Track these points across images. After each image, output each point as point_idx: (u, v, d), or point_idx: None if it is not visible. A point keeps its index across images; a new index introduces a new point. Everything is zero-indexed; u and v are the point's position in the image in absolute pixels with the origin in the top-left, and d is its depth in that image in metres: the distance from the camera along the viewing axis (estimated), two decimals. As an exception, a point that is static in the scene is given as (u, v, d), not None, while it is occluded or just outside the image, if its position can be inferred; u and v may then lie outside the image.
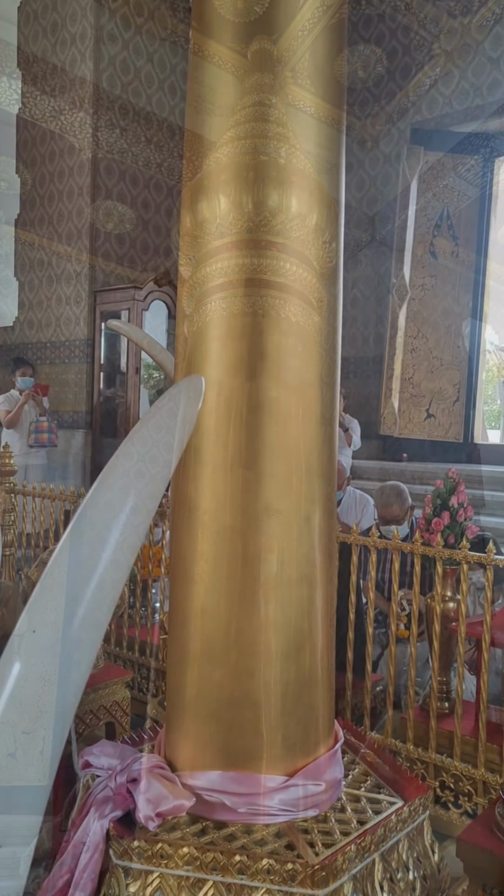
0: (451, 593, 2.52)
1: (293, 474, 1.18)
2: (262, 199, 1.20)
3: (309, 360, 1.21)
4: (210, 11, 1.27)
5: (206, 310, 1.22)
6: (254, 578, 1.14)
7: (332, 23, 1.26)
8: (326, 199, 1.27)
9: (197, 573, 1.18)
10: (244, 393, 1.17)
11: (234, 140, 1.23)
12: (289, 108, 1.20)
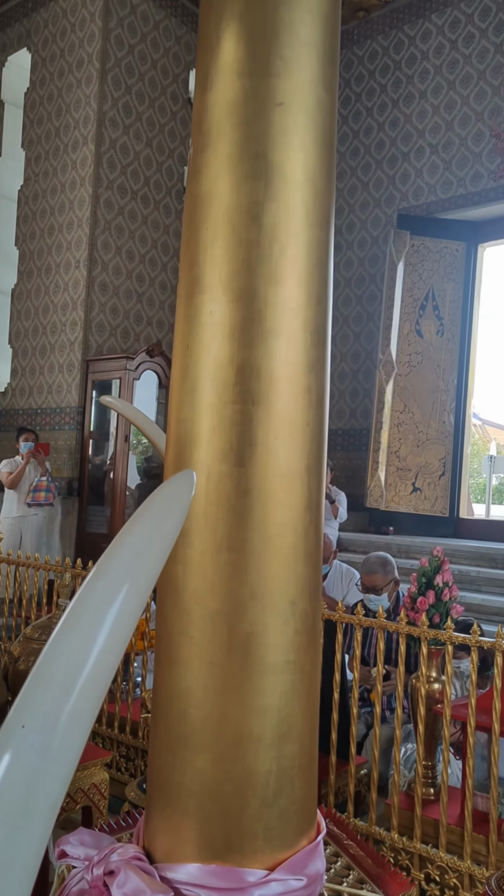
0: (436, 674, 2.51)
1: (279, 559, 1.21)
2: (254, 294, 1.26)
3: (297, 448, 1.25)
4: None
5: (197, 397, 1.26)
6: (238, 664, 1.15)
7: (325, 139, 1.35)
8: (316, 291, 1.34)
9: (182, 656, 1.18)
10: (233, 479, 1.20)
11: (229, 236, 1.30)
12: (282, 211, 1.28)
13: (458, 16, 6.49)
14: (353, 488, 6.92)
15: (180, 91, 7.02)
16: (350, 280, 7.29)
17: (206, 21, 1.34)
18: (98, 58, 6.32)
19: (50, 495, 5.88)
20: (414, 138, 6.82)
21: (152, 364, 6.55)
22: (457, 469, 6.82)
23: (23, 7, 7.02)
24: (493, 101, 6.29)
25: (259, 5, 1.28)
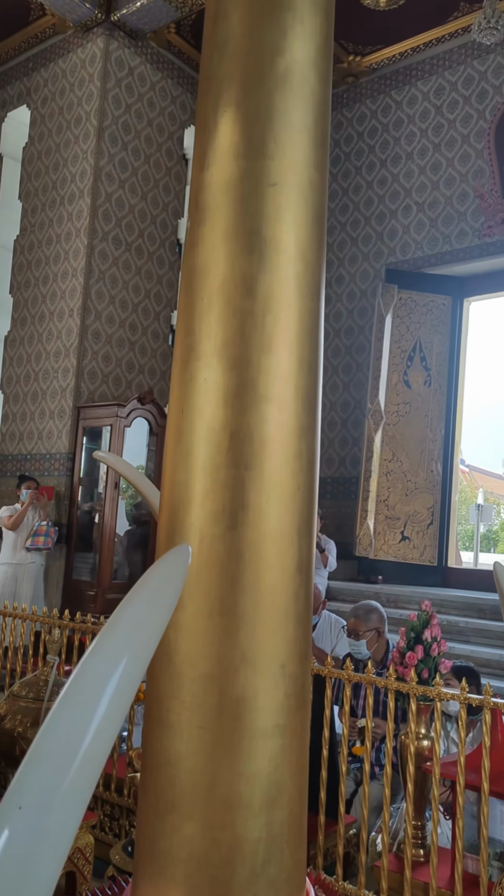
0: (425, 731, 2.49)
1: (270, 622, 1.22)
2: (248, 362, 1.31)
3: (288, 511, 1.28)
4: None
5: (191, 461, 1.29)
6: (229, 728, 1.16)
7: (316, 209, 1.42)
8: (307, 359, 1.38)
9: (172, 720, 1.19)
10: (226, 542, 1.23)
11: (224, 306, 1.35)
12: (275, 283, 1.34)
13: (443, 83, 6.78)
14: (343, 536, 6.93)
15: (175, 147, 7.24)
16: (339, 331, 7.43)
17: (205, 105, 1.42)
18: (96, 116, 6.53)
19: (49, 540, 5.95)
20: (401, 197, 7.05)
21: (143, 411, 6.60)
22: (445, 518, 6.85)
23: (24, 66, 7.27)
24: (476, 164, 6.53)
25: (254, 93, 1.36)
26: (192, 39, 6.90)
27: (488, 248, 6.46)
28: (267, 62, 1.36)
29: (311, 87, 1.39)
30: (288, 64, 1.36)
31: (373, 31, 6.66)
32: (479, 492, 16.93)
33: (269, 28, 1.36)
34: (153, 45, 6.84)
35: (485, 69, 6.53)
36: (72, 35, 6.72)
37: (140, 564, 6.69)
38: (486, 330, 36.32)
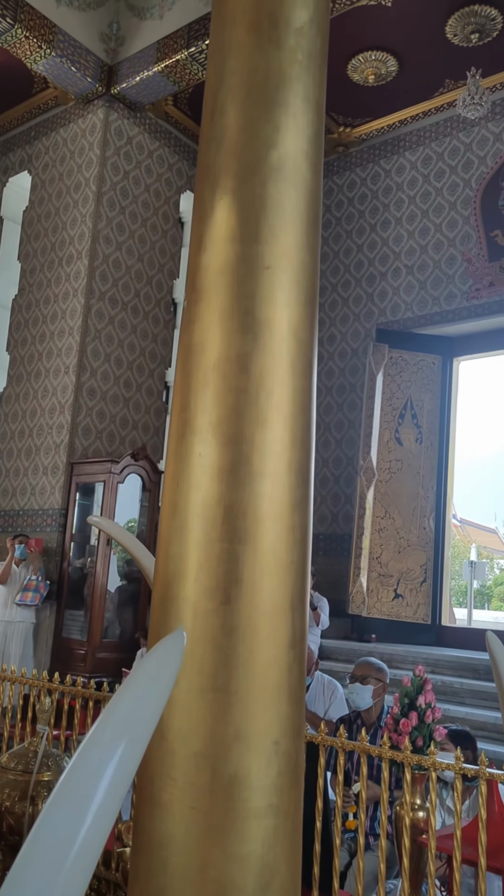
0: (420, 801, 2.44)
1: (263, 698, 1.23)
2: (242, 438, 1.34)
3: (281, 585, 1.30)
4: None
5: (186, 534, 1.32)
6: (221, 809, 1.15)
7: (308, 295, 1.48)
8: (300, 435, 1.42)
9: (165, 800, 1.18)
10: (219, 616, 1.24)
11: (220, 383, 1.39)
12: (269, 361, 1.38)
13: (430, 154, 7.06)
14: (336, 594, 6.88)
15: (171, 211, 7.47)
16: (331, 388, 7.53)
17: (202, 192, 1.49)
18: (95, 182, 6.75)
19: (38, 595, 5.89)
20: (391, 260, 7.25)
21: (137, 467, 6.62)
22: (438, 575, 6.83)
23: (26, 135, 7.54)
24: (463, 230, 6.75)
25: (249, 182, 1.43)
26: (188, 111, 7.19)
27: (476, 309, 6.63)
28: (261, 154, 1.43)
29: (303, 176, 1.46)
30: (281, 156, 1.44)
31: (362, 105, 6.96)
32: (472, 547, 16.89)
33: (264, 123, 1.44)
34: (151, 115, 7.12)
35: (470, 141, 6.81)
36: (73, 106, 7.00)
37: (131, 622, 6.61)
38: (476, 388, 37.19)
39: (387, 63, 6.37)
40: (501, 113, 6.58)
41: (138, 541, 2.11)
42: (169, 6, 6.23)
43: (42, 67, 6.34)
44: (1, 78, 6.92)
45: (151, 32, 6.33)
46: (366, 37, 6.09)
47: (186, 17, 6.08)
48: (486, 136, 6.69)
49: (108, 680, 5.75)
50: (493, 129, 6.65)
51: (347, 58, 6.31)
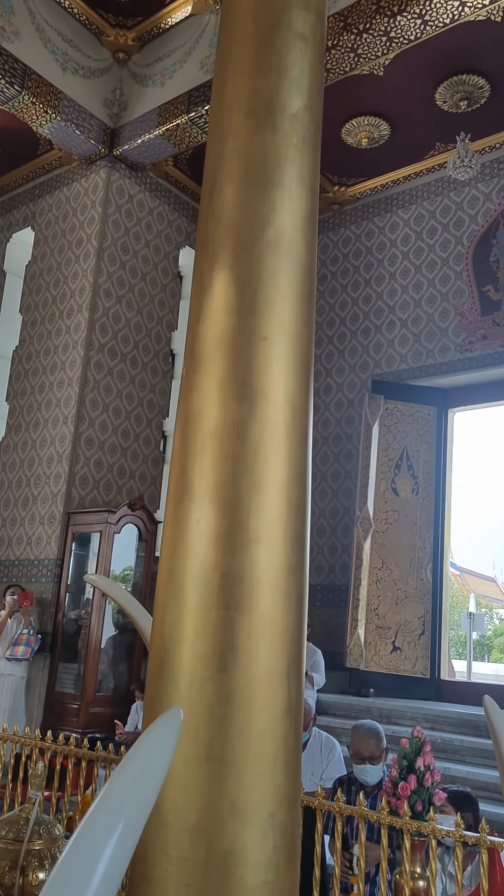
0: (420, 870, 2.39)
1: (259, 769, 1.22)
2: (238, 504, 1.37)
3: (277, 652, 1.31)
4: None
5: (182, 601, 1.33)
6: (216, 886, 1.13)
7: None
8: (295, 501, 1.44)
9: (158, 876, 1.16)
10: (215, 684, 1.25)
11: (217, 450, 1.42)
12: (265, 429, 1.42)
13: (422, 212, 7.27)
14: (333, 646, 6.80)
15: (170, 266, 7.63)
16: (328, 439, 7.59)
17: (201, 264, 1.54)
18: (96, 238, 6.92)
19: (28, 650, 5.81)
20: (385, 313, 7.39)
21: (133, 517, 6.62)
22: (436, 627, 6.77)
23: (30, 193, 7.75)
24: (456, 284, 6.91)
25: (246, 258, 1.49)
26: (188, 171, 7.42)
27: (470, 362, 6.73)
28: (258, 231, 1.49)
29: (298, 251, 1.52)
30: (277, 232, 1.50)
31: (356, 165, 7.20)
32: (471, 597, 16.73)
33: (260, 202, 1.51)
34: (152, 175, 7.35)
35: (461, 200, 7.02)
36: (76, 166, 7.22)
37: (126, 674, 6.51)
38: (472, 438, 37.42)
39: (379, 127, 6.61)
40: (490, 174, 6.81)
41: (135, 599, 2.11)
42: (170, 74, 6.49)
43: (47, 131, 6.57)
44: (7, 140, 7.15)
45: (153, 98, 6.58)
46: (359, 103, 6.33)
47: (187, 84, 6.32)
48: (477, 195, 6.90)
49: (101, 737, 5.64)
50: (483, 189, 6.86)
51: (342, 122, 6.55)
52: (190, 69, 6.37)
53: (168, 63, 6.54)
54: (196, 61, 6.33)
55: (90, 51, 6.64)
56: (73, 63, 6.51)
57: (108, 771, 2.85)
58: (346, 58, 5.49)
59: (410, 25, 5.14)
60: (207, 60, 6.26)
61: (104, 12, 6.40)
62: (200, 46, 6.34)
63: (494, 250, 6.72)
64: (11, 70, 6.01)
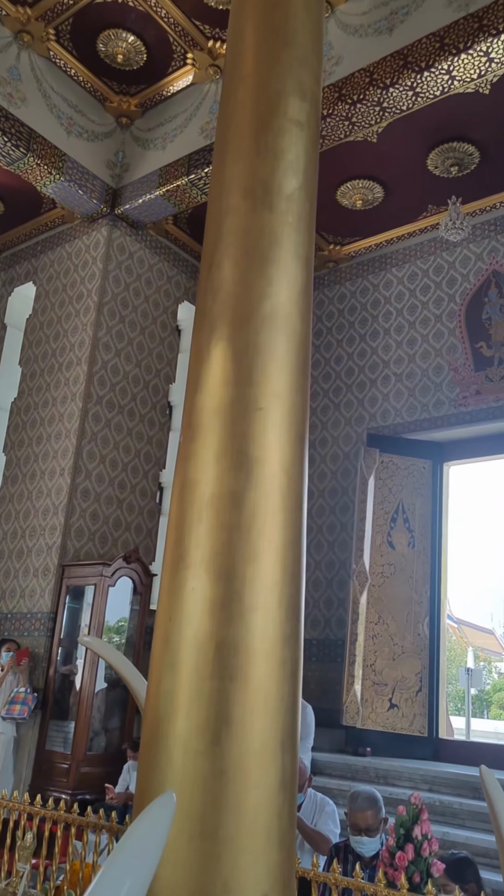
0: (419, 946, 2.31)
1: (253, 846, 1.21)
2: (233, 573, 1.38)
3: (272, 723, 1.30)
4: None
5: (177, 670, 1.33)
6: None
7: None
8: (290, 569, 1.46)
9: None
10: (209, 758, 1.24)
11: (213, 519, 1.44)
12: (261, 498, 1.44)
13: (416, 270, 7.45)
14: (328, 703, 6.69)
15: (169, 320, 7.77)
16: (324, 491, 7.60)
17: (199, 336, 1.59)
18: (97, 293, 7.06)
19: (25, 708, 5.70)
20: (380, 368, 7.50)
21: (128, 570, 6.58)
22: (434, 684, 6.67)
23: (33, 249, 7.94)
24: (449, 341, 7.04)
25: (243, 330, 1.54)
26: (187, 229, 7.62)
27: (464, 416, 6.80)
28: (255, 305, 1.55)
29: (293, 325, 1.57)
30: (273, 306, 1.56)
31: (351, 226, 7.40)
32: (469, 650, 16.48)
33: (257, 277, 1.56)
34: (152, 233, 7.54)
35: (453, 259, 7.21)
36: (79, 224, 7.41)
37: (118, 732, 6.38)
38: (467, 490, 37.55)
39: (373, 190, 6.82)
40: (482, 235, 7.00)
41: (129, 661, 2.10)
42: (171, 139, 6.72)
43: (51, 190, 6.77)
44: (12, 198, 7.35)
45: (154, 160, 6.80)
46: (354, 167, 6.56)
47: (187, 147, 6.55)
48: (468, 255, 7.09)
49: (91, 799, 5.49)
50: (475, 250, 7.05)
51: (337, 185, 6.76)
52: (190, 134, 6.61)
53: (169, 128, 6.79)
54: (196, 127, 6.57)
55: (94, 116, 6.89)
56: (78, 127, 6.75)
57: (97, 836, 2.78)
58: (340, 126, 5.71)
59: (402, 97, 5.36)
60: (207, 126, 6.49)
61: (108, 80, 6.67)
62: (201, 113, 6.59)
63: (486, 308, 6.86)
64: (17, 133, 6.23)
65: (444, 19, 5.07)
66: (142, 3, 5.80)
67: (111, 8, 5.88)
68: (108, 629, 6.61)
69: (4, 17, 6.03)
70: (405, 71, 5.21)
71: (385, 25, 5.41)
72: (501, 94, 5.61)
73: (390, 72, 5.29)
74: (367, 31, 5.52)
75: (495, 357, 6.73)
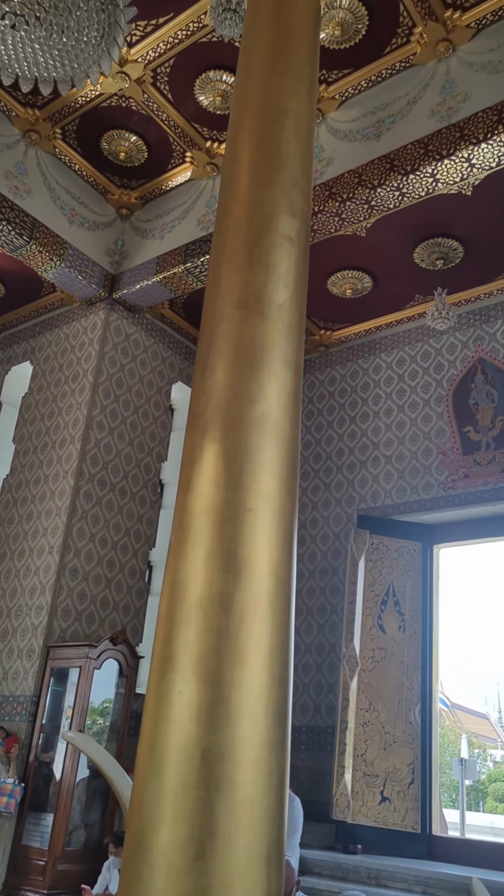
0: None
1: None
2: (221, 677, 1.39)
3: (257, 836, 1.28)
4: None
5: (162, 779, 1.31)
6: None
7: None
8: (278, 673, 1.46)
9: None
10: (192, 874, 1.21)
11: (201, 621, 1.45)
12: (249, 600, 1.46)
13: (404, 356, 7.66)
14: (318, 795, 6.46)
15: (162, 400, 7.89)
16: (314, 572, 7.56)
17: (191, 439, 1.64)
18: (92, 373, 7.20)
19: (12, 801, 5.42)
20: (370, 449, 7.60)
21: (115, 652, 6.45)
22: (426, 776, 6.46)
23: (31, 330, 8.14)
24: (437, 424, 7.17)
25: (234, 433, 1.59)
26: (182, 313, 7.86)
27: (453, 499, 6.86)
28: (245, 409, 1.61)
29: (282, 428, 1.63)
30: (263, 410, 1.62)
31: (341, 312, 7.65)
32: (462, 738, 15.98)
33: (248, 382, 1.63)
34: (148, 316, 7.76)
35: (440, 346, 7.43)
36: (77, 307, 7.63)
37: (98, 825, 6.10)
38: (458, 573, 37.36)
39: (362, 280, 7.09)
40: (467, 324, 7.25)
41: (113, 759, 2.05)
42: (169, 229, 7.02)
43: (52, 275, 7.00)
44: (13, 281, 7.59)
45: (152, 249, 7.08)
46: (344, 259, 6.84)
47: (184, 238, 6.83)
48: (455, 342, 7.31)
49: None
50: (461, 338, 7.28)
51: (327, 275, 7.03)
52: (188, 225, 6.90)
53: (168, 219, 7.10)
54: (193, 219, 6.87)
55: (96, 207, 7.21)
56: (80, 217, 7.04)
57: None
58: (331, 221, 5.99)
59: (389, 196, 5.66)
60: (204, 218, 6.80)
61: (111, 175, 7.01)
62: (198, 206, 6.91)
63: (473, 393, 7.03)
64: (22, 223, 6.49)
65: (427, 128, 5.41)
66: (144, 107, 6.17)
67: (115, 111, 6.25)
68: (93, 711, 6.43)
69: (14, 118, 6.39)
70: (392, 173, 5.52)
71: (373, 132, 5.77)
72: (483, 195, 5.93)
73: (378, 174, 5.59)
74: (356, 136, 5.87)
75: (483, 441, 6.85)
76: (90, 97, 6.13)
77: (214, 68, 5.77)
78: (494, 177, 5.69)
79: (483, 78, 5.25)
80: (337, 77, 5.80)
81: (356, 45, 5.47)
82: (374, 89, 5.85)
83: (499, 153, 5.15)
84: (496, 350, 7.03)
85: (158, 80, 5.94)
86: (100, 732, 6.60)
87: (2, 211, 6.37)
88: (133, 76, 5.89)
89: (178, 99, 6.09)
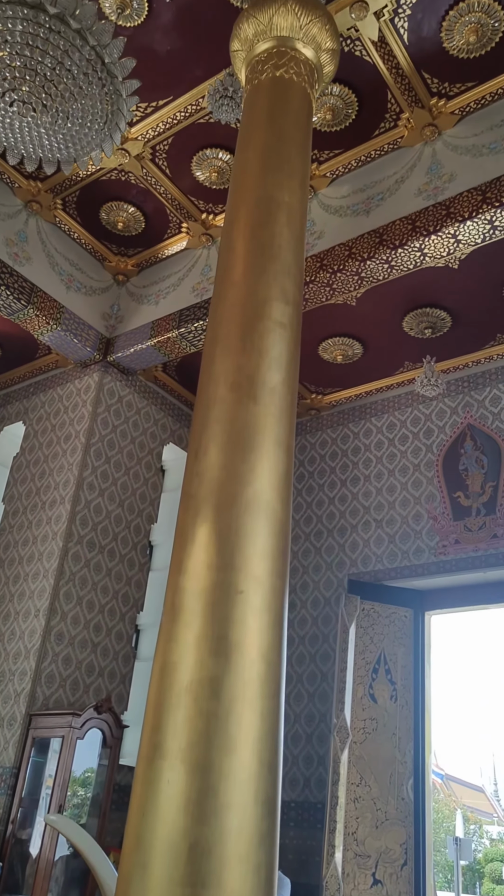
0: None
1: None
2: (210, 766, 1.36)
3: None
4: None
5: (148, 876, 1.28)
6: None
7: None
8: (267, 760, 1.44)
9: None
10: None
11: (191, 706, 1.44)
12: (239, 685, 1.45)
13: (394, 421, 7.75)
14: (307, 876, 6.21)
15: (153, 461, 7.92)
16: (304, 638, 7.45)
17: (184, 519, 1.66)
18: (84, 434, 7.24)
19: None
20: (361, 513, 7.61)
21: (99, 721, 6.27)
22: (420, 856, 6.23)
23: (25, 391, 8.21)
24: (427, 489, 7.21)
25: (226, 514, 1.61)
26: (175, 376, 7.96)
27: (444, 565, 6.84)
28: (237, 490, 1.63)
29: (273, 509, 1.65)
30: (255, 492, 1.64)
31: (332, 378, 7.78)
32: (457, 814, 15.44)
33: (240, 464, 1.66)
34: (142, 379, 7.86)
35: (430, 412, 7.53)
36: (71, 369, 7.72)
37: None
38: (450, 640, 36.80)
39: (353, 347, 7.24)
40: (456, 391, 7.37)
41: (98, 847, 1.98)
42: (164, 295, 7.18)
43: (47, 338, 7.11)
44: (8, 343, 7.70)
45: (147, 314, 7.22)
46: (334, 326, 7.00)
47: (179, 304, 6.98)
48: (444, 409, 7.42)
49: None
50: (450, 404, 7.39)
51: (318, 341, 7.18)
52: (182, 292, 7.07)
53: (163, 286, 7.27)
54: (188, 286, 7.04)
55: (93, 273, 7.38)
56: (77, 283, 7.21)
57: None
58: (322, 291, 6.15)
59: (379, 269, 5.83)
60: (198, 286, 6.96)
61: (108, 243, 7.21)
62: (193, 274, 7.09)
63: (463, 459, 7.10)
64: (20, 288, 6.63)
65: (415, 206, 5.63)
66: (143, 181, 6.40)
67: (115, 184, 6.47)
68: (74, 781, 6.22)
69: (17, 189, 6.61)
70: (381, 247, 5.70)
71: (362, 208, 5.99)
72: (469, 268, 6.13)
73: (367, 247, 5.78)
74: (346, 211, 6.09)
75: (473, 507, 6.88)
76: (91, 171, 6.36)
77: (211, 146, 6.01)
78: (480, 252, 5.89)
79: (467, 160, 5.49)
80: (328, 157, 6.05)
81: (346, 129, 5.73)
82: (364, 168, 6.10)
83: (484, 230, 5.34)
84: (485, 416, 7.13)
85: (157, 157, 6.18)
86: (80, 805, 6.37)
87: (1, 277, 6.51)
88: (133, 153, 6.12)
89: (175, 174, 6.32)
